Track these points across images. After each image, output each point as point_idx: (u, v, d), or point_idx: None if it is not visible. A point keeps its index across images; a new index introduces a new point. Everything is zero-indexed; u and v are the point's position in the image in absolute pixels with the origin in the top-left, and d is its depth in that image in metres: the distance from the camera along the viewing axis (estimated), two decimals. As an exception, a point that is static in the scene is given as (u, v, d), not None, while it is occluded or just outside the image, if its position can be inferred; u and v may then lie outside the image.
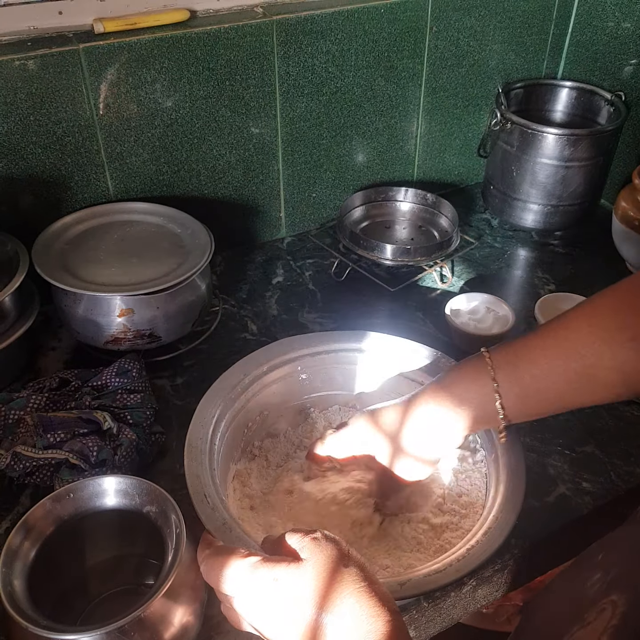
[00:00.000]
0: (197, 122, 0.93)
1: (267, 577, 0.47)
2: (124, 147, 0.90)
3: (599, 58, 1.14)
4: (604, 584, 0.44)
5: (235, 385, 0.69)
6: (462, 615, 0.70)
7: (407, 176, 1.18)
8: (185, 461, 0.62)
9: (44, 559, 0.55)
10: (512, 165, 1.08)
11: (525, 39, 1.14)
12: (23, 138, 0.84)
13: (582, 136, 1.02)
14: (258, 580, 0.47)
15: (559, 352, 0.57)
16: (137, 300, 0.80)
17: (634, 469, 0.75)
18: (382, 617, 0.44)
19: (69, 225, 0.88)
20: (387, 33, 1.00)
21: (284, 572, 0.46)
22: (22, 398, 0.74)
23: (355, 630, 0.44)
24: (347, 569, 0.46)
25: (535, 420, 0.80)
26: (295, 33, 0.93)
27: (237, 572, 0.48)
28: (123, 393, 0.77)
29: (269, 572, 0.47)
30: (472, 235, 1.12)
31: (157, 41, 0.85)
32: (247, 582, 0.47)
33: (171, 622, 0.53)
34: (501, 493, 0.60)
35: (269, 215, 1.08)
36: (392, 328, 0.79)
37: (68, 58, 0.81)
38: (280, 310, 0.97)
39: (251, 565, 0.48)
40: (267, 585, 0.46)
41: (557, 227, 1.11)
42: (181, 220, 0.91)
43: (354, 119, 1.06)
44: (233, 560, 0.49)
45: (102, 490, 0.57)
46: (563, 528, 0.70)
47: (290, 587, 0.46)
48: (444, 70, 1.09)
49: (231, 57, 0.91)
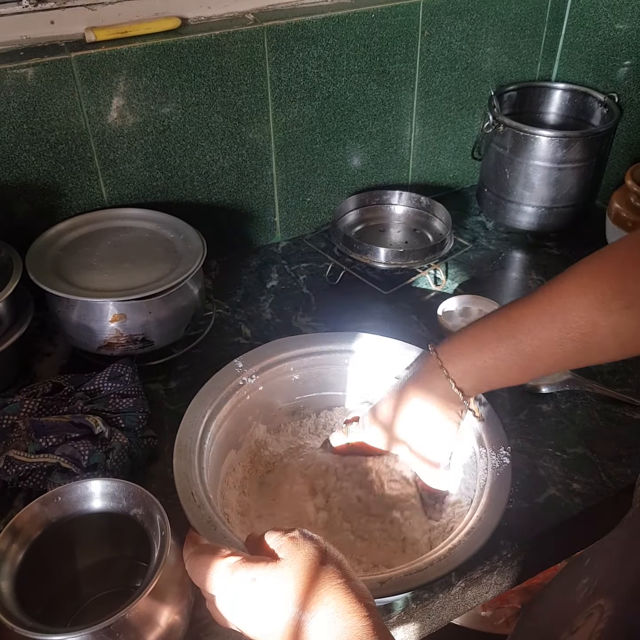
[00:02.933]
0: (190, 128, 0.94)
1: (245, 578, 0.47)
2: (117, 153, 0.91)
3: (592, 60, 1.14)
4: (590, 589, 0.44)
5: (226, 386, 0.70)
6: (452, 616, 0.70)
7: (402, 180, 1.18)
8: (174, 459, 0.63)
9: (33, 561, 0.56)
10: (505, 167, 1.08)
11: (518, 41, 1.14)
12: (17, 146, 0.85)
13: (574, 138, 1.02)
14: (237, 580, 0.47)
15: (555, 323, 0.57)
16: (129, 306, 0.81)
17: (624, 470, 0.75)
18: (359, 612, 0.44)
19: (63, 231, 0.89)
20: (378, 38, 1.01)
21: (262, 572, 0.47)
22: (16, 403, 0.75)
23: (333, 626, 0.44)
24: (324, 567, 0.46)
25: (527, 421, 0.81)
26: (287, 39, 0.94)
27: (217, 573, 0.49)
28: (116, 397, 0.78)
29: (248, 572, 0.47)
30: (467, 237, 1.12)
31: (148, 49, 0.86)
32: (227, 583, 0.48)
33: (157, 622, 0.54)
34: (486, 493, 0.60)
35: (263, 220, 1.09)
36: (386, 331, 0.79)
37: (60, 67, 0.82)
38: (274, 314, 0.98)
39: (230, 566, 0.48)
40: (246, 586, 0.47)
41: (551, 228, 1.12)
42: (174, 226, 0.92)
43: (347, 123, 1.06)
44: (214, 560, 0.49)
45: (90, 494, 0.58)
46: (553, 529, 0.70)
47: (268, 587, 0.46)
48: (436, 73, 1.09)
49: (223, 64, 0.91)
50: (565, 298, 0.57)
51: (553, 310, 0.58)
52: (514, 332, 0.59)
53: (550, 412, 0.82)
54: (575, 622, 0.42)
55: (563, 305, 0.57)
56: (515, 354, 0.59)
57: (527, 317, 0.59)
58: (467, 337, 0.63)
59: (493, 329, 0.61)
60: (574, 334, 0.57)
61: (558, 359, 0.59)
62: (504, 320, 0.61)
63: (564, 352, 0.58)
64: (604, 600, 0.41)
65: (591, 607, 0.42)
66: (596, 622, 0.40)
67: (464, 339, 0.63)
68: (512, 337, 0.59)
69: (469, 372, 0.62)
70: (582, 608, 0.43)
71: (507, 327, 0.60)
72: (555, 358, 0.59)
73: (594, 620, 0.41)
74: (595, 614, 0.41)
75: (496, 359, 0.60)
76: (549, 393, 0.84)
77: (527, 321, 0.59)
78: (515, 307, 0.61)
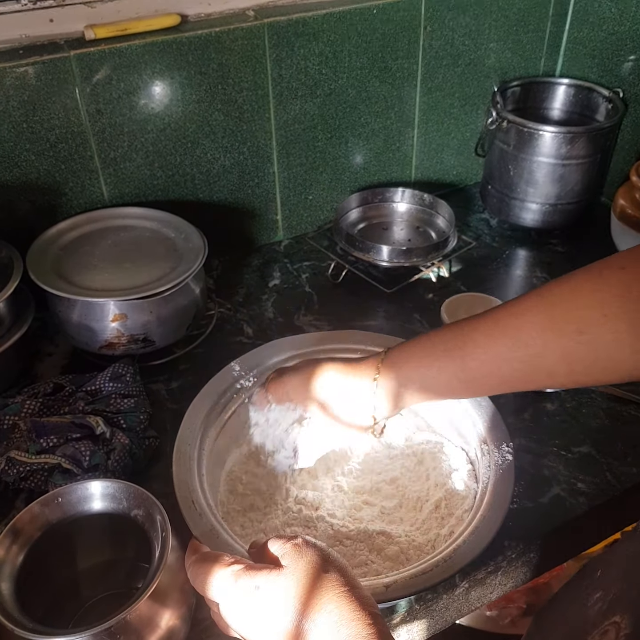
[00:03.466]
0: (191, 126, 0.94)
1: (249, 586, 0.47)
2: (117, 152, 0.91)
3: (596, 55, 1.13)
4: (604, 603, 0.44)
5: (225, 390, 0.70)
6: (457, 617, 0.70)
7: (405, 177, 1.17)
8: (174, 467, 0.62)
9: (34, 563, 0.55)
10: (509, 164, 1.08)
11: (521, 36, 1.13)
12: (16, 145, 0.84)
13: (578, 134, 1.01)
14: (240, 589, 0.47)
15: (505, 339, 0.56)
16: (130, 305, 0.80)
17: (630, 469, 0.74)
18: (362, 620, 0.44)
19: (64, 231, 0.88)
20: (380, 34, 1.00)
21: (265, 580, 0.47)
22: (17, 404, 0.75)
23: (336, 635, 0.43)
24: (327, 575, 0.46)
25: (531, 420, 0.80)
26: (287, 35, 0.93)
27: (220, 581, 0.49)
28: (117, 398, 0.77)
29: (251, 580, 0.47)
30: (471, 235, 1.12)
31: (148, 46, 0.86)
32: (230, 591, 0.48)
33: (158, 624, 0.53)
34: (489, 491, 0.59)
35: (265, 219, 1.08)
36: (389, 329, 0.78)
37: (60, 65, 0.82)
38: (276, 313, 0.97)
39: (234, 574, 0.48)
40: (249, 594, 0.47)
41: (556, 226, 1.11)
42: (175, 225, 0.91)
43: (349, 120, 1.05)
44: (217, 568, 0.49)
45: (90, 494, 0.57)
46: (557, 529, 0.69)
47: (271, 595, 0.46)
48: (439, 69, 1.09)
49: (223, 61, 0.91)
50: (521, 317, 0.56)
51: (506, 328, 0.56)
52: (463, 343, 0.58)
53: (555, 411, 0.81)
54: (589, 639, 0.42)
55: (517, 323, 0.56)
56: (460, 365, 0.58)
57: (479, 330, 0.58)
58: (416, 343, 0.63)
59: (442, 340, 0.60)
60: (523, 353, 0.55)
61: (503, 379, 0.57)
62: (456, 331, 0.60)
63: (510, 372, 0.56)
64: (619, 617, 0.41)
65: (606, 624, 0.41)
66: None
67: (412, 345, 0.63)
68: (459, 349, 0.58)
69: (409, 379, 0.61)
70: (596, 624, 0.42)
71: (457, 338, 0.59)
72: (501, 376, 0.57)
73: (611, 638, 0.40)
74: (611, 631, 0.40)
75: (439, 368, 0.59)
76: (554, 392, 0.83)
77: (478, 334, 0.58)
78: (469, 320, 0.60)
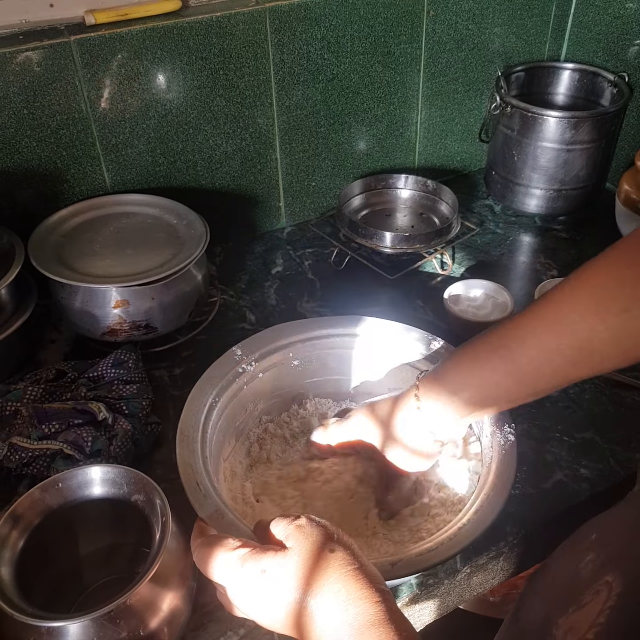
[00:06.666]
0: (192, 112, 0.93)
1: (255, 570, 0.47)
2: (119, 138, 0.90)
3: (601, 39, 1.12)
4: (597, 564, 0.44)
5: (227, 373, 0.69)
6: (458, 602, 0.70)
7: (409, 163, 1.16)
8: (177, 449, 0.62)
9: (35, 548, 0.55)
10: (513, 149, 1.07)
11: (526, 21, 1.12)
12: (17, 132, 0.84)
13: (583, 118, 1.00)
14: (247, 573, 0.47)
15: (550, 330, 0.55)
16: (132, 291, 0.80)
17: (633, 454, 0.74)
18: (370, 598, 0.44)
19: (65, 218, 0.88)
20: (383, 18, 0.99)
21: (271, 562, 0.47)
22: (19, 390, 0.75)
23: (344, 614, 0.44)
24: (333, 554, 0.46)
25: (534, 406, 0.80)
26: (289, 20, 0.92)
27: (226, 566, 0.49)
28: (119, 384, 0.77)
29: (257, 564, 0.47)
30: (474, 221, 1.11)
31: (149, 32, 0.85)
32: (237, 576, 0.48)
33: (159, 608, 0.53)
34: (492, 471, 0.59)
35: (268, 205, 1.08)
36: (391, 316, 0.78)
37: (60, 51, 0.82)
38: (279, 300, 0.97)
39: (240, 558, 0.48)
40: (256, 578, 0.47)
41: (560, 211, 1.10)
42: (177, 211, 0.91)
43: (352, 106, 1.05)
44: (223, 553, 0.49)
45: (90, 480, 0.57)
46: (560, 515, 0.69)
47: (277, 578, 0.46)
48: (442, 54, 1.08)
49: (224, 46, 0.90)
50: (561, 304, 0.55)
51: (548, 318, 0.56)
52: (508, 341, 0.57)
53: (558, 397, 0.81)
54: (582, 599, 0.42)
55: (558, 312, 0.55)
56: (510, 362, 0.57)
57: (521, 327, 0.57)
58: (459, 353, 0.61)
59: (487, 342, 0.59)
60: (571, 340, 0.54)
61: (557, 369, 0.56)
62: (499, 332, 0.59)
63: (562, 359, 0.55)
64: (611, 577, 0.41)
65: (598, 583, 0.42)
66: (605, 599, 0.40)
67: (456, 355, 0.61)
68: (506, 348, 0.57)
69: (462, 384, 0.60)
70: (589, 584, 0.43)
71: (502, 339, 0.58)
72: (554, 367, 0.56)
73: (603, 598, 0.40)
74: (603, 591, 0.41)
75: (492, 369, 0.58)
76: (557, 378, 0.82)
77: (521, 331, 0.57)
78: (508, 321, 0.59)
